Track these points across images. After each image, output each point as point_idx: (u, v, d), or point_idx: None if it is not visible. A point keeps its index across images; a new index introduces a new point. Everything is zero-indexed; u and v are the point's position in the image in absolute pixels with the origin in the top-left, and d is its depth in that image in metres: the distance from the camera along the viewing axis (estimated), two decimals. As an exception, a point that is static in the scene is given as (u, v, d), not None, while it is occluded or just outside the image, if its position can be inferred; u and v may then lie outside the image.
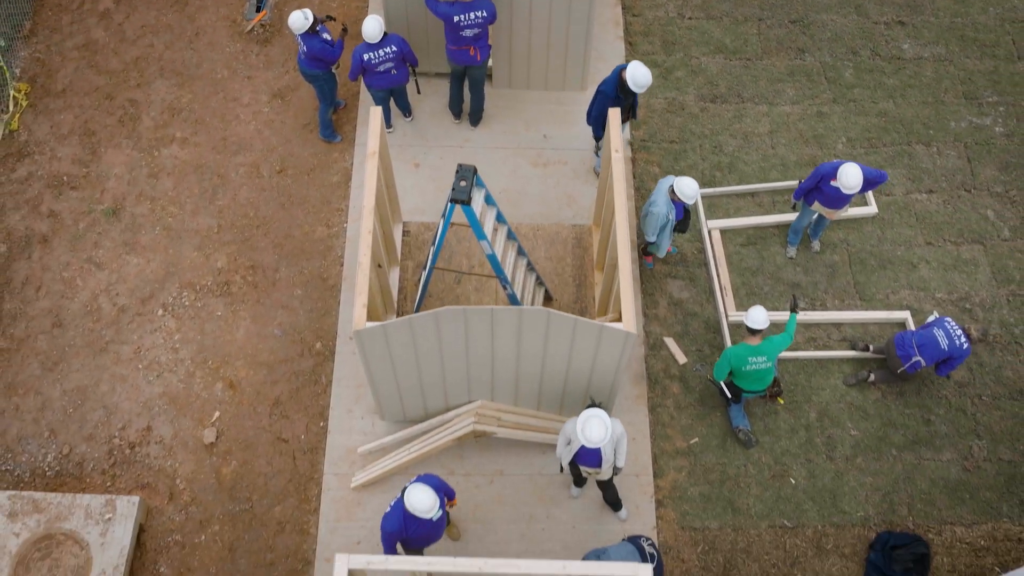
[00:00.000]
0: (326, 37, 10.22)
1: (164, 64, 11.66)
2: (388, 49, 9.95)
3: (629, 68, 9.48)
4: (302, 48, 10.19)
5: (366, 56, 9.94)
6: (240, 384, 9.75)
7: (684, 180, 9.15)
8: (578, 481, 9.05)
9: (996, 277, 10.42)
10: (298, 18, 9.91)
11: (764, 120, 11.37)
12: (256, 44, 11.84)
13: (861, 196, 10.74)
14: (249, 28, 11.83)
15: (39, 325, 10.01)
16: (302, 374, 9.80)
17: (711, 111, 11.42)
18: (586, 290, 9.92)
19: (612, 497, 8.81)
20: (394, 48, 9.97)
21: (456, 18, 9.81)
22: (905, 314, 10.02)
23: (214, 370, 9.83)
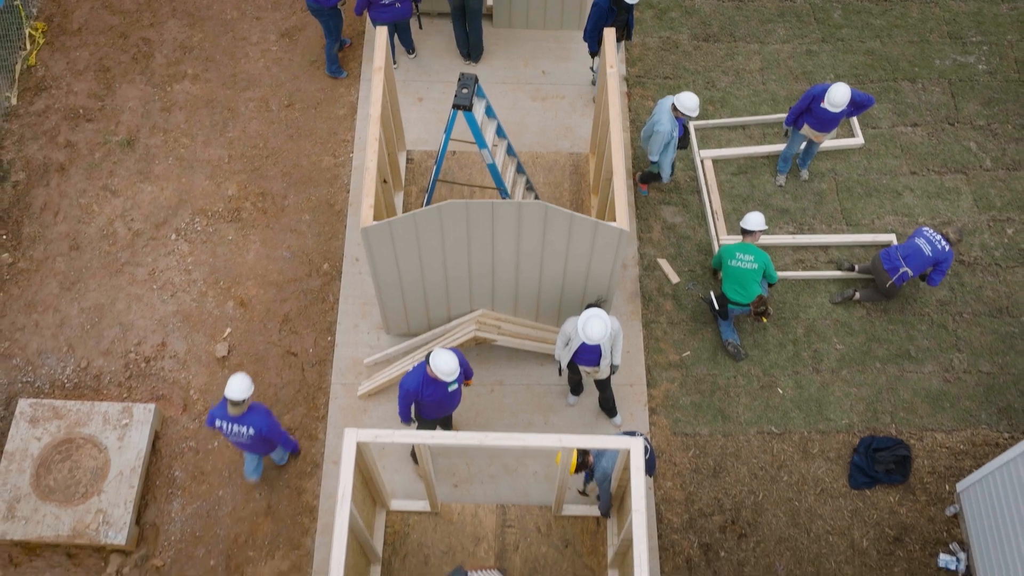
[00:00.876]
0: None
1: (176, 5, 12.07)
2: (393, -19, 10.37)
3: None
4: (310, -18, 10.60)
5: (372, -11, 10.36)
6: (251, 302, 10.15)
7: (684, 94, 9.58)
8: (575, 389, 9.45)
9: (978, 204, 10.82)
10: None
11: (755, 58, 11.78)
12: (264, -13, 12.26)
13: (848, 128, 11.14)
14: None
15: (57, 248, 10.42)
16: (310, 293, 10.20)
17: (704, 49, 11.83)
18: (583, 212, 10.32)
19: (609, 402, 9.20)
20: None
21: None
22: (891, 236, 10.42)
23: (225, 290, 10.23)
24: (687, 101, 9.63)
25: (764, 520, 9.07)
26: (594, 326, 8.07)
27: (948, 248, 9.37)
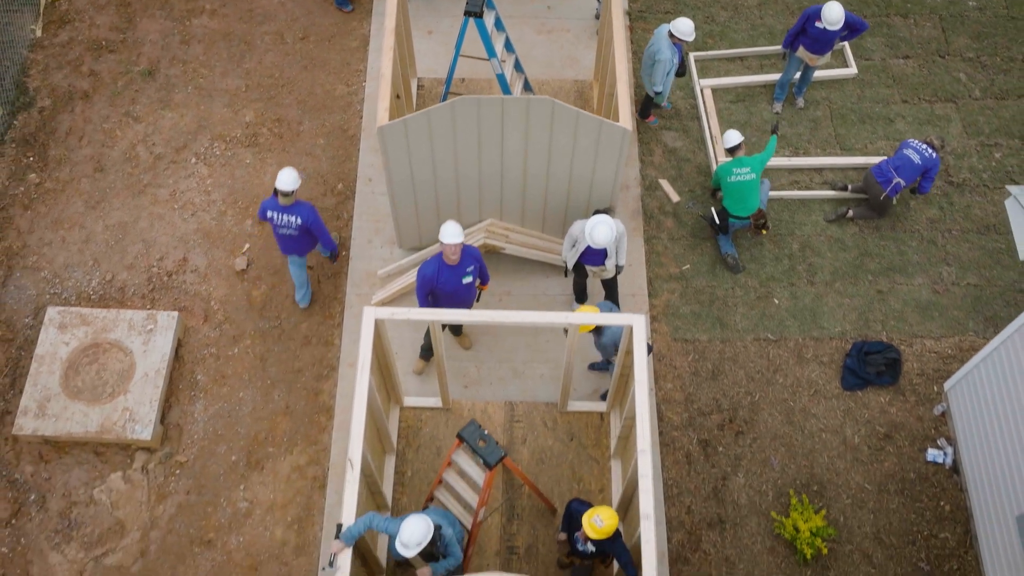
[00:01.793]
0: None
1: (193, -55, 12.50)
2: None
3: None
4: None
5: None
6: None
7: (680, 20, 9.99)
8: (580, 296, 9.88)
9: (967, 130, 11.24)
10: None
11: (753, -6, 12.21)
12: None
13: (842, 59, 11.57)
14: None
15: (82, 170, 10.85)
16: (325, 210, 10.62)
17: (704, -14, 12.27)
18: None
19: (613, 302, 9.62)
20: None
21: None
22: (882, 159, 10.84)
23: (244, 209, 10.66)
24: (682, 26, 10.03)
25: (760, 419, 9.50)
26: (601, 231, 8.50)
27: (935, 155, 9.81)
